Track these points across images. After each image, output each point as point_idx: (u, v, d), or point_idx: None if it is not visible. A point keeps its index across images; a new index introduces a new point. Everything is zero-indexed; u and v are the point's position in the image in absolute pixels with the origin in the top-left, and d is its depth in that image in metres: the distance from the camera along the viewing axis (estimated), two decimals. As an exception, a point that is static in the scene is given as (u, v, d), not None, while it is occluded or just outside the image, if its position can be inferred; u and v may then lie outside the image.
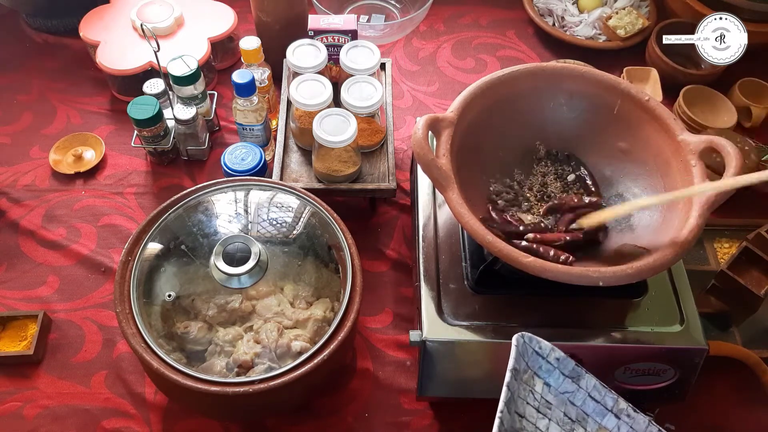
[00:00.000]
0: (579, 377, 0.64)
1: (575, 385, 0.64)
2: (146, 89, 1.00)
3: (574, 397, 0.64)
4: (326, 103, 0.91)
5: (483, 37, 1.25)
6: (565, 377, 0.64)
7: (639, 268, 0.62)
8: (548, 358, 0.63)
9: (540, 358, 0.63)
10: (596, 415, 0.65)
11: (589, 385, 0.64)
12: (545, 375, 0.63)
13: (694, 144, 0.69)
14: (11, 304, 0.89)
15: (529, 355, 0.62)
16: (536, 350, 0.63)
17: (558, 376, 0.64)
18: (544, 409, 0.62)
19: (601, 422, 0.65)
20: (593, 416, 0.65)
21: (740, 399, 0.82)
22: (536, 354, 0.63)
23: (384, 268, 0.94)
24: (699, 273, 0.87)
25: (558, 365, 0.63)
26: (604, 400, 0.65)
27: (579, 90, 0.77)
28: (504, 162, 0.80)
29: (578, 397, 0.64)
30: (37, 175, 1.03)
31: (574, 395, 0.64)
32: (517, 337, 0.62)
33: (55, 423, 0.80)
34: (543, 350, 0.63)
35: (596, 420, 0.64)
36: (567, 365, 0.64)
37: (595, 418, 0.65)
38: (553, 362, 0.63)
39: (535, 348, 0.63)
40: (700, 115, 1.06)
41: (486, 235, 0.64)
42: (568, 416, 0.64)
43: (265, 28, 1.08)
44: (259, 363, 0.72)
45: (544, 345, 0.63)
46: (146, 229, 0.76)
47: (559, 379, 0.64)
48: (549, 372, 0.64)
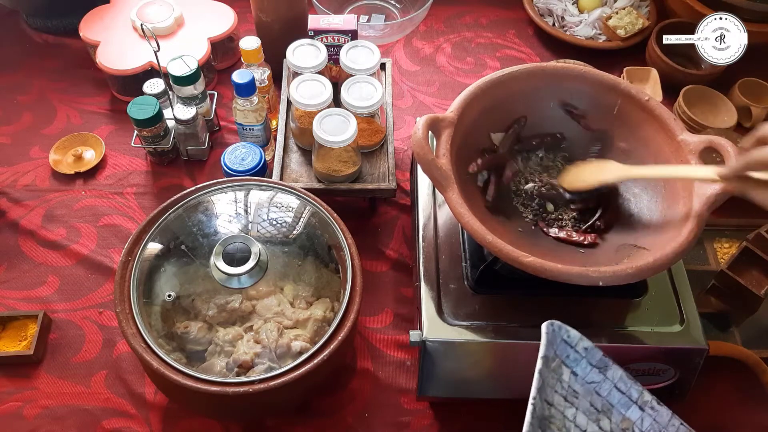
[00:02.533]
0: (606, 367, 0.64)
1: (602, 375, 0.64)
2: (146, 89, 1.00)
3: (600, 388, 0.64)
4: (326, 103, 0.91)
5: (483, 37, 1.25)
6: (592, 367, 0.64)
7: (639, 268, 0.62)
8: (576, 347, 0.63)
9: (568, 347, 0.63)
10: (621, 406, 0.64)
11: (616, 376, 0.64)
12: (573, 364, 0.63)
13: (694, 144, 0.69)
14: (11, 304, 0.89)
15: (558, 343, 0.62)
16: (565, 339, 0.62)
17: (585, 365, 0.63)
18: (572, 398, 0.62)
19: (625, 413, 0.64)
20: (618, 407, 0.64)
21: (740, 399, 0.82)
22: (565, 343, 0.62)
23: (384, 268, 0.94)
24: (699, 273, 0.87)
25: (586, 354, 0.63)
26: (630, 392, 0.64)
27: (579, 90, 0.77)
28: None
29: (604, 388, 0.64)
30: (37, 175, 1.03)
31: (600, 385, 0.64)
32: (546, 325, 0.61)
33: (55, 423, 0.80)
34: (572, 339, 0.63)
35: (620, 411, 0.64)
36: (595, 355, 0.63)
37: (620, 409, 0.64)
38: (581, 351, 0.63)
39: (564, 336, 0.62)
40: (700, 115, 1.06)
41: (486, 235, 0.64)
42: (594, 406, 0.63)
43: (265, 28, 1.08)
44: (259, 363, 0.72)
45: (573, 334, 0.63)
46: (146, 229, 0.76)
47: (587, 369, 0.63)
48: (576, 361, 0.63)
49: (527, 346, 0.70)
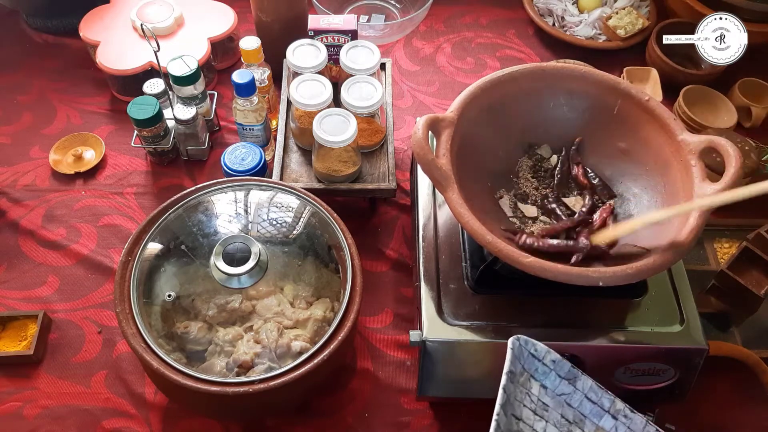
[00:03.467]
0: (575, 378, 0.64)
1: (572, 387, 0.64)
2: (146, 89, 1.00)
3: (571, 399, 0.64)
4: (326, 103, 0.91)
5: (483, 37, 1.25)
6: (561, 379, 0.64)
7: (639, 268, 0.62)
8: (544, 360, 0.63)
9: (536, 361, 0.63)
10: (593, 416, 0.64)
11: (586, 386, 0.64)
12: (541, 377, 0.63)
13: (694, 144, 0.69)
14: (11, 304, 0.89)
15: (525, 357, 0.62)
16: (532, 353, 0.63)
17: (554, 378, 0.63)
18: (541, 412, 0.62)
19: (599, 423, 0.64)
20: (590, 417, 0.64)
21: (740, 399, 0.82)
22: (532, 356, 0.63)
23: (384, 268, 0.94)
24: (699, 273, 0.87)
25: (554, 367, 0.63)
26: (601, 401, 0.64)
27: (579, 90, 0.77)
28: (504, 162, 0.80)
29: (575, 399, 0.64)
30: (37, 175, 1.03)
31: (570, 397, 0.64)
32: (512, 340, 0.61)
33: (55, 423, 0.80)
34: (539, 353, 0.63)
35: (593, 421, 0.64)
36: (563, 367, 0.63)
37: (593, 419, 0.64)
38: (549, 364, 0.63)
39: (530, 350, 0.63)
40: (700, 115, 1.06)
41: (486, 235, 0.64)
42: (566, 418, 0.63)
43: (265, 28, 1.08)
44: (259, 363, 0.72)
45: (540, 347, 0.63)
46: (146, 229, 0.76)
47: (556, 381, 0.64)
48: (545, 374, 0.63)
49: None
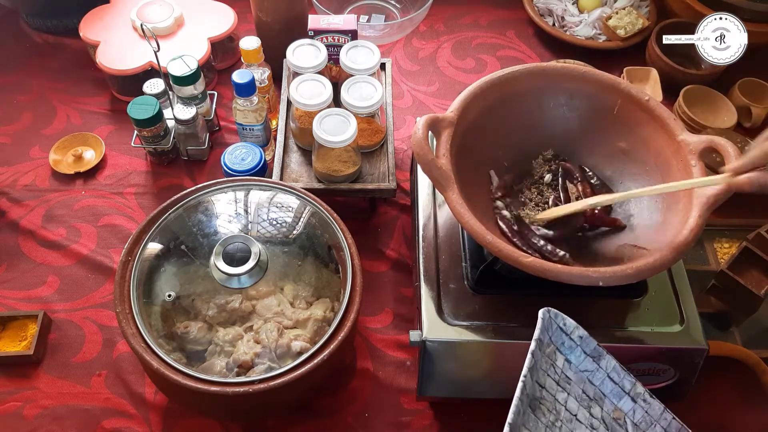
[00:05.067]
0: (600, 357, 0.64)
1: (595, 365, 0.64)
2: (146, 89, 1.00)
3: (593, 376, 0.65)
4: (326, 103, 0.91)
5: (483, 37, 1.25)
6: (586, 356, 0.64)
7: (639, 268, 0.62)
8: (572, 335, 0.63)
9: (563, 335, 0.63)
10: (613, 396, 0.65)
11: (609, 366, 0.65)
12: (567, 351, 0.64)
13: (694, 144, 0.69)
14: (11, 304, 0.89)
15: (553, 330, 0.63)
16: (561, 326, 0.63)
17: (579, 353, 0.64)
18: (564, 384, 0.63)
19: (618, 404, 0.65)
20: (610, 397, 0.65)
21: (740, 399, 0.82)
22: (560, 330, 0.63)
23: (384, 268, 0.94)
24: (699, 273, 0.87)
25: (580, 343, 0.64)
26: (623, 383, 0.65)
27: (579, 90, 0.77)
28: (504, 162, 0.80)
29: (597, 377, 0.65)
30: (37, 175, 1.03)
31: (593, 374, 0.65)
32: (543, 311, 0.62)
33: (55, 423, 0.80)
34: (567, 327, 0.63)
35: (613, 401, 0.65)
36: (589, 344, 0.64)
37: (612, 399, 0.65)
38: (576, 340, 0.64)
39: (559, 324, 0.63)
40: (700, 115, 1.06)
41: (486, 235, 0.64)
42: (587, 394, 0.64)
43: (265, 28, 1.08)
44: (259, 363, 0.72)
45: (569, 322, 0.63)
46: (146, 229, 0.76)
47: (581, 357, 0.64)
48: (571, 349, 0.64)
49: (527, 346, 0.69)
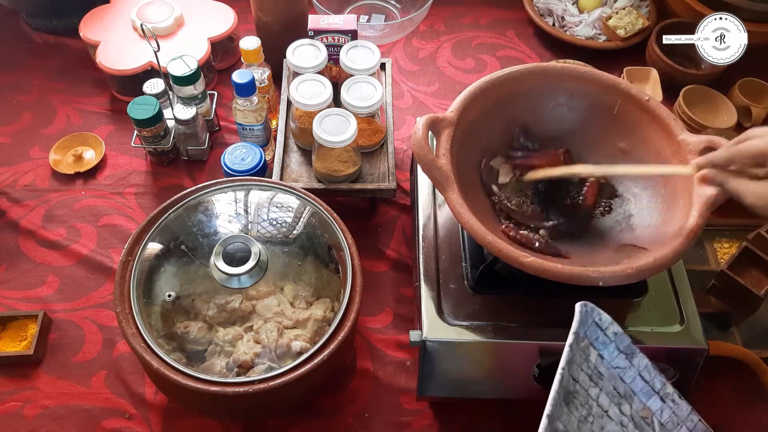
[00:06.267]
0: (633, 354, 0.64)
1: (628, 362, 0.64)
2: (146, 89, 1.00)
3: (625, 374, 0.65)
4: (326, 103, 0.91)
5: (483, 37, 1.25)
6: (619, 352, 0.64)
7: (639, 268, 0.62)
8: (607, 330, 0.63)
9: (598, 330, 0.63)
10: (643, 394, 0.65)
11: (641, 364, 0.65)
12: (601, 347, 0.64)
13: (694, 144, 0.69)
14: (11, 304, 0.89)
15: (588, 324, 0.62)
16: (596, 321, 0.63)
17: (613, 349, 0.64)
18: (596, 379, 0.63)
19: (647, 402, 0.65)
20: (639, 395, 0.65)
21: (740, 399, 0.82)
22: (595, 325, 0.63)
23: (384, 268, 0.94)
24: (699, 273, 0.87)
25: (615, 339, 0.64)
26: (653, 382, 0.65)
27: (579, 90, 0.77)
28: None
29: (629, 374, 0.65)
30: (37, 175, 1.03)
31: (625, 371, 0.65)
32: (580, 305, 0.62)
33: (55, 423, 0.80)
34: (603, 322, 0.63)
35: (642, 400, 0.65)
36: (623, 341, 0.64)
37: (641, 397, 0.65)
38: (611, 335, 0.63)
39: (595, 318, 0.63)
40: (700, 115, 1.06)
41: (486, 235, 0.64)
42: (617, 390, 0.64)
43: (265, 28, 1.08)
44: (259, 363, 0.72)
45: (605, 317, 0.63)
46: (146, 229, 0.76)
47: (614, 353, 0.64)
48: (605, 344, 0.64)
49: (527, 346, 0.70)
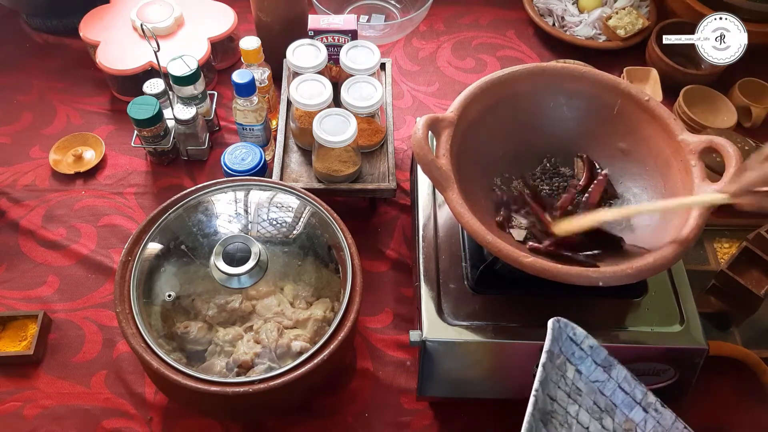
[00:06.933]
0: (611, 367, 0.64)
1: (606, 375, 0.64)
2: (146, 89, 1.00)
3: (604, 387, 0.64)
4: (326, 103, 0.91)
5: (483, 37, 1.25)
6: (597, 366, 0.63)
7: (639, 268, 0.62)
8: (582, 345, 0.63)
9: (573, 345, 0.63)
10: (624, 406, 0.64)
11: (620, 376, 0.64)
12: (577, 362, 0.63)
13: (694, 144, 0.69)
14: (11, 304, 0.89)
15: (563, 340, 0.62)
16: (570, 336, 0.62)
17: (590, 364, 0.63)
18: (575, 396, 0.62)
19: (629, 414, 0.64)
20: (621, 407, 0.64)
21: (740, 399, 0.82)
22: (570, 340, 0.62)
23: (384, 268, 0.94)
24: (699, 273, 0.87)
25: (591, 353, 0.63)
26: (634, 392, 0.64)
27: (579, 90, 0.77)
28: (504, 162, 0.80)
29: (608, 387, 0.64)
30: (37, 175, 1.03)
31: (604, 385, 0.64)
32: (552, 321, 0.61)
33: (55, 423, 0.80)
34: (577, 337, 0.63)
35: (624, 412, 0.64)
36: (600, 354, 0.63)
37: (623, 409, 0.64)
38: (587, 350, 0.63)
39: (569, 334, 0.62)
40: (700, 115, 1.06)
41: (486, 235, 0.64)
42: (597, 405, 0.63)
43: (265, 28, 1.08)
44: (259, 363, 0.72)
45: (579, 332, 0.63)
46: (146, 229, 0.76)
47: (591, 367, 0.63)
48: (581, 359, 0.63)
49: (527, 346, 0.70)
